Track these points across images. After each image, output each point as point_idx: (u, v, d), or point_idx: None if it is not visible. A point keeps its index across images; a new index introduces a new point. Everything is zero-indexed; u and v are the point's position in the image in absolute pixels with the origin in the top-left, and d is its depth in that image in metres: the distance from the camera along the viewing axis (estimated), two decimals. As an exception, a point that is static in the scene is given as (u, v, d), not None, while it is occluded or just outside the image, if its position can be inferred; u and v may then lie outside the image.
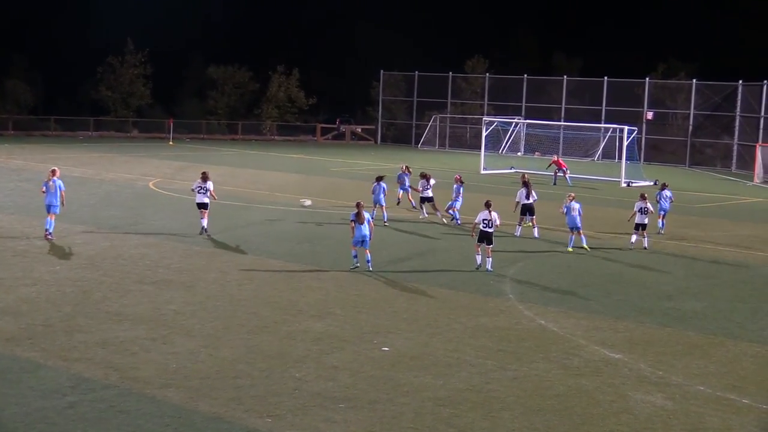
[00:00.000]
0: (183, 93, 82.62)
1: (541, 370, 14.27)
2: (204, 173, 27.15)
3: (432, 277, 21.57)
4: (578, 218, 25.33)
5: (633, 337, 16.69)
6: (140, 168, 46.82)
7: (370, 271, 21.79)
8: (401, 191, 33.69)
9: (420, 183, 32.43)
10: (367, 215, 22.16)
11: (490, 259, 22.38)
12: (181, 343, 15.12)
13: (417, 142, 72.02)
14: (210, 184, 27.16)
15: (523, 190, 29.00)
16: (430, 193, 31.92)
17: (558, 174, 46.78)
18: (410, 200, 34.11)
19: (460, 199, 31.21)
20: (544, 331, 16.76)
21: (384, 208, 30.18)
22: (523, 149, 62.80)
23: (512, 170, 49.13)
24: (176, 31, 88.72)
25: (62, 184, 25.24)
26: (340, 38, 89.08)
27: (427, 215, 31.87)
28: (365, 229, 21.51)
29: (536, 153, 55.47)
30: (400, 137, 74.94)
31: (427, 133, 71.91)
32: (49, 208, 25.07)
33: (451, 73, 71.93)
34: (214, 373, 13.62)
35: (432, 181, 31.95)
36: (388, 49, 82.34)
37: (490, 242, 22.60)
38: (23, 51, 79.83)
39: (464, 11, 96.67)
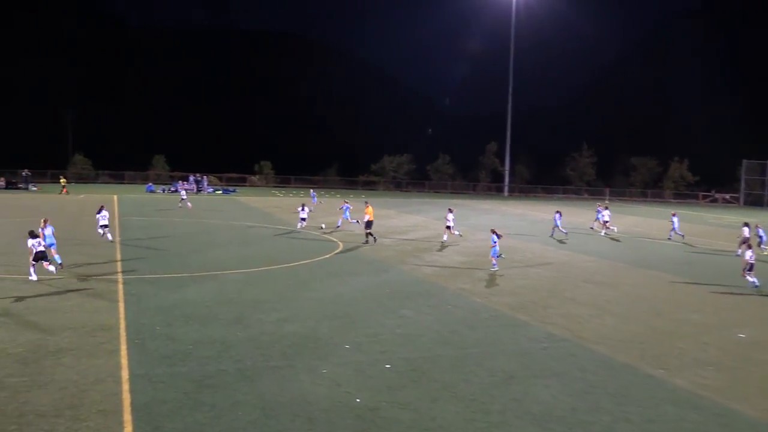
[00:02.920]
0: (615, 172, 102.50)
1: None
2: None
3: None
4: None
5: None
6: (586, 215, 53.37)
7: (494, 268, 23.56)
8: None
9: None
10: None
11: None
12: (609, 319, 17.50)
13: (765, 205, 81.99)
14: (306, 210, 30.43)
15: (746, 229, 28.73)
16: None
17: None
18: (605, 226, 35.59)
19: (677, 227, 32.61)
20: None
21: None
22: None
23: None
24: (617, 135, 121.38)
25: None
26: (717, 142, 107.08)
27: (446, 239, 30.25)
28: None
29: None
30: (755, 202, 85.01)
31: (774, 200, 74.10)
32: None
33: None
34: (627, 337, 15.75)
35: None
36: (734, 145, 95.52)
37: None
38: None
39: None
